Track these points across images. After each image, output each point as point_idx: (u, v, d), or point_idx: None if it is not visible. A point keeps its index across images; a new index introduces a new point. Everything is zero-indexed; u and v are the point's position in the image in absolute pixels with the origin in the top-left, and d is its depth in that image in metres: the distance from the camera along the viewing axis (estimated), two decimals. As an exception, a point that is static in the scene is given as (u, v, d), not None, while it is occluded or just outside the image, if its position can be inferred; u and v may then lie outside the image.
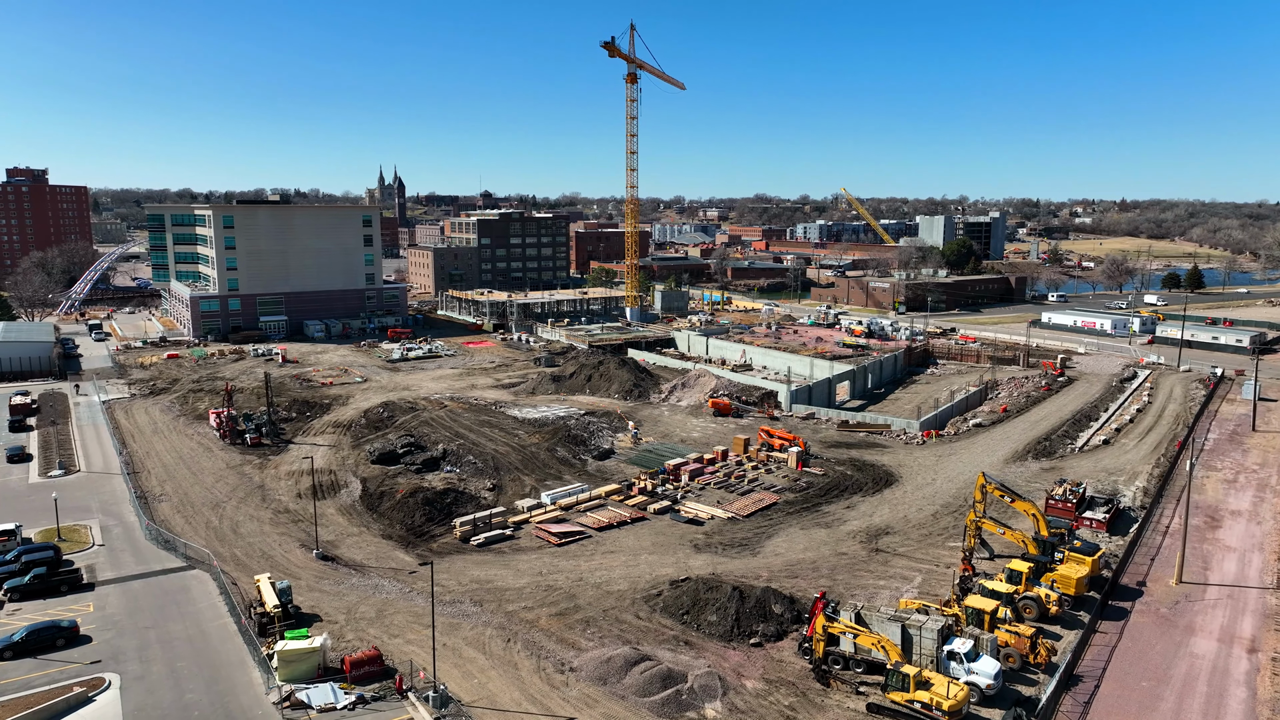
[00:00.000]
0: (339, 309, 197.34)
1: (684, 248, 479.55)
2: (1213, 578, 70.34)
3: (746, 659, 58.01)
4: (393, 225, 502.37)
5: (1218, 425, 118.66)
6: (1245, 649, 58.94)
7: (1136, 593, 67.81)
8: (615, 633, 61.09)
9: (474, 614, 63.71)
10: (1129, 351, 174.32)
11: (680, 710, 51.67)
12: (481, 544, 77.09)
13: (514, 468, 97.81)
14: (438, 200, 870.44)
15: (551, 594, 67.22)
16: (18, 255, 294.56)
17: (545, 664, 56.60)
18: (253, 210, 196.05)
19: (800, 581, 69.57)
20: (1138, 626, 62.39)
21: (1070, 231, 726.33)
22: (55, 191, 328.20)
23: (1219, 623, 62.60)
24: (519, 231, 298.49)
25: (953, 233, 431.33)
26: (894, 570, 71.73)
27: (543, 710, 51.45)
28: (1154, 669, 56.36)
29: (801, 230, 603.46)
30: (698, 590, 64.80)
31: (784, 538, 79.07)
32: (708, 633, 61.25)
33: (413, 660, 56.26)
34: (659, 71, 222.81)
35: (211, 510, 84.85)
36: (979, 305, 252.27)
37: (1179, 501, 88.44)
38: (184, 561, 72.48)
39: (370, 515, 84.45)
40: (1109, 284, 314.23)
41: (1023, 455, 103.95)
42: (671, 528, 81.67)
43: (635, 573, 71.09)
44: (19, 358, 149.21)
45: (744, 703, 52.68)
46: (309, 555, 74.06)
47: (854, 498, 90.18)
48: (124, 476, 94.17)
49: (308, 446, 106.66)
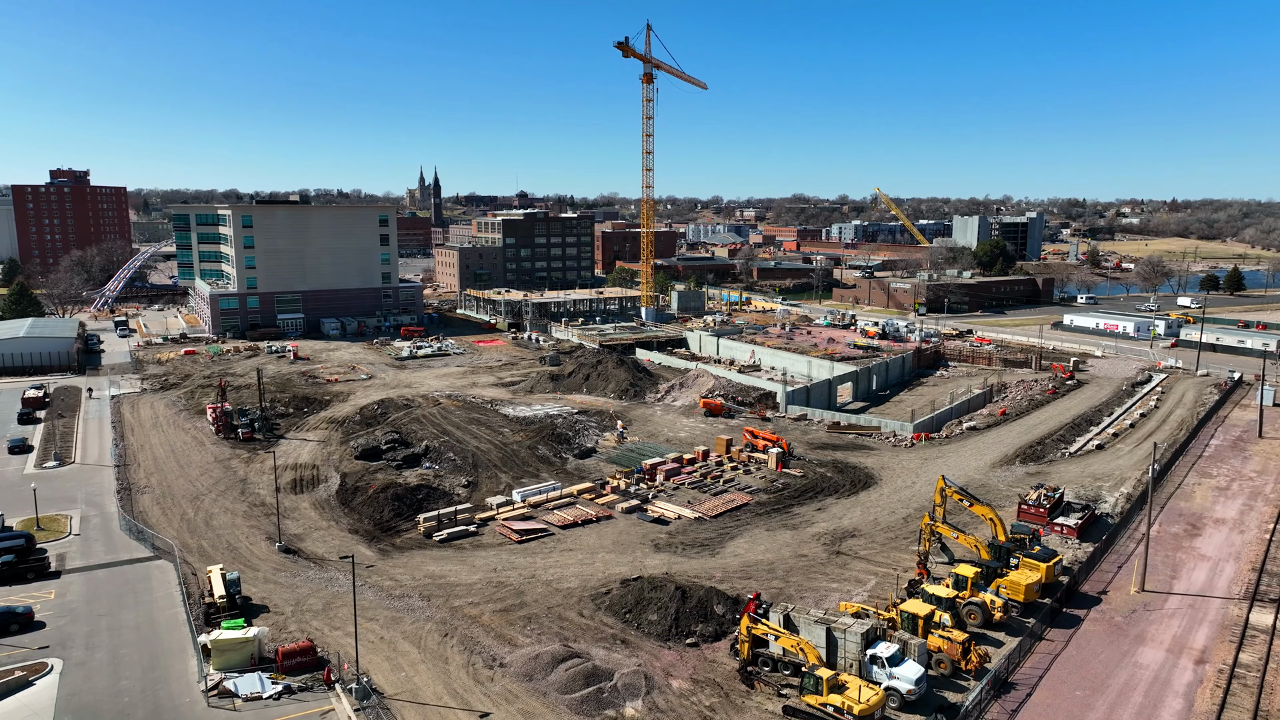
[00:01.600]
0: (355, 307, 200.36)
1: (713, 248, 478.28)
2: (1178, 586, 68.52)
3: (679, 659, 57.89)
4: (425, 225, 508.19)
5: (1224, 431, 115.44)
6: (1194, 660, 57.37)
7: (1095, 600, 66.33)
8: (554, 630, 61.35)
9: (419, 609, 64.42)
10: (1148, 355, 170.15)
11: (599, 708, 51.75)
12: (444, 540, 77.87)
13: (493, 465, 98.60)
14: (476, 201, 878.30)
15: (501, 590, 67.71)
16: (59, 253, 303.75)
17: (476, 659, 57.07)
18: (271, 210, 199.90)
19: (752, 583, 69.18)
20: (1087, 635, 61.04)
21: (1116, 232, 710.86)
22: (96, 192, 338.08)
23: (1172, 633, 60.98)
24: (543, 231, 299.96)
25: (987, 233, 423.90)
26: (850, 573, 71.00)
27: (462, 705, 51.92)
28: (1092, 678, 55.10)
29: (837, 230, 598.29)
30: (642, 590, 64.79)
31: (746, 539, 78.67)
32: (647, 632, 61.21)
33: (342, 652, 57.08)
34: (678, 71, 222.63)
35: (190, 502, 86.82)
36: (1003, 307, 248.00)
37: (1162, 508, 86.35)
38: (152, 552, 74.31)
39: (342, 510, 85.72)
40: (1144, 286, 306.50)
41: (1011, 459, 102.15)
42: (636, 527, 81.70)
43: (588, 571, 71.28)
44: (41, 352, 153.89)
45: (665, 702, 52.60)
46: (273, 548, 75.42)
47: (828, 500, 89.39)
48: (112, 468, 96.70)
49: (298, 442, 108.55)
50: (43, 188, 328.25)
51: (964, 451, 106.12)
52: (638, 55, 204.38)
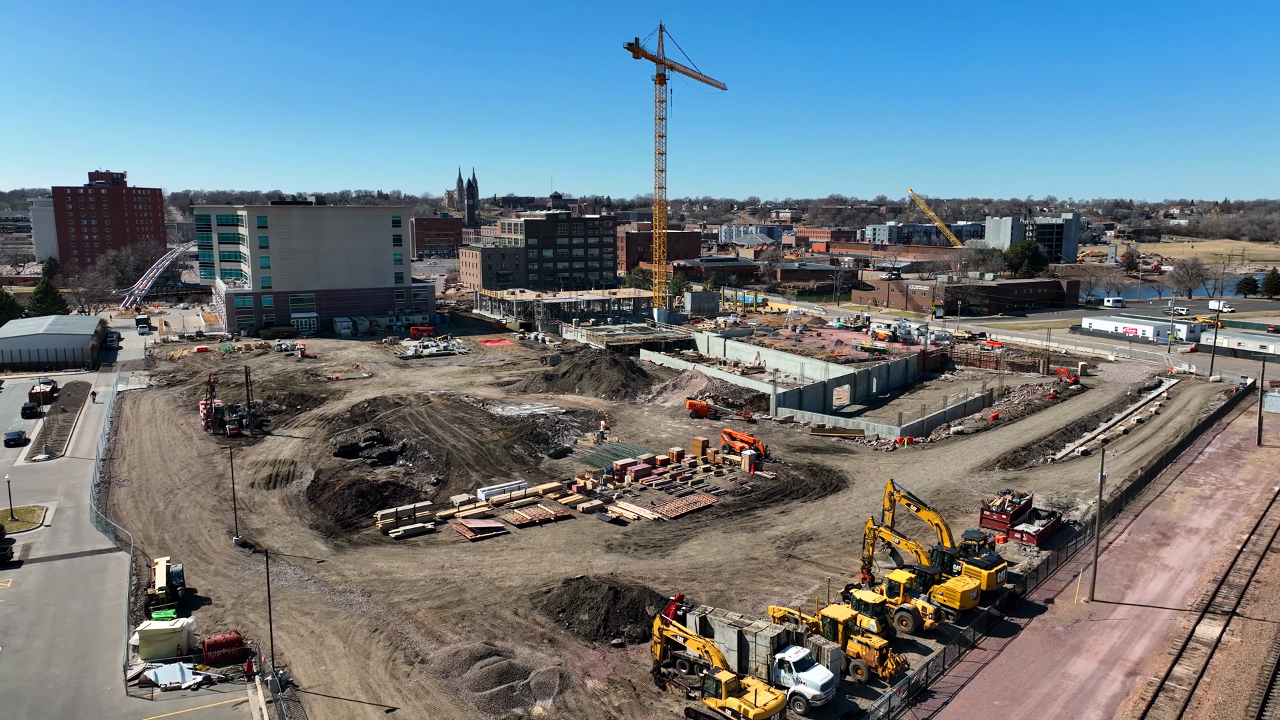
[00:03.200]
0: (368, 307, 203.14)
1: (740, 249, 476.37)
2: (1130, 597, 66.84)
3: (602, 659, 57.90)
4: (456, 226, 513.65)
5: (1222, 438, 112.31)
6: (1125, 672, 55.94)
7: (1040, 609, 64.99)
8: (485, 628, 61.73)
9: (357, 604, 65.25)
10: (1163, 359, 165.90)
11: (507, 706, 52.00)
12: (400, 537, 78.68)
13: (466, 464, 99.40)
14: (514, 202, 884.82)
15: (443, 588, 68.27)
16: (96, 253, 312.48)
17: (399, 655, 57.65)
18: (285, 211, 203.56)
19: (695, 585, 68.96)
20: (1022, 644, 59.83)
21: (1163, 234, 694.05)
22: (131, 193, 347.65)
23: (1110, 644, 59.51)
24: (565, 232, 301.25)
25: (1021, 234, 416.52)
26: (796, 577, 70.39)
27: (372, 699, 52.51)
28: (1014, 688, 54.02)
29: (871, 232, 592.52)
30: (578, 590, 64.89)
31: (701, 541, 78.36)
32: (576, 631, 61.30)
33: (270, 644, 58.03)
34: (694, 72, 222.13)
35: (163, 496, 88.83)
36: (1025, 310, 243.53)
37: (1136, 516, 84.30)
38: (114, 544, 76.15)
39: (309, 506, 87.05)
40: (1178, 289, 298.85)
41: (991, 465, 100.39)
42: (594, 527, 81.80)
43: (534, 570, 71.55)
44: (57, 349, 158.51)
45: (576, 702, 52.68)
46: (230, 541, 76.89)
47: (794, 502, 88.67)
48: (99, 462, 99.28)
49: (283, 438, 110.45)
50: (81, 189, 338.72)
51: (945, 456, 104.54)
52: (649, 56, 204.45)
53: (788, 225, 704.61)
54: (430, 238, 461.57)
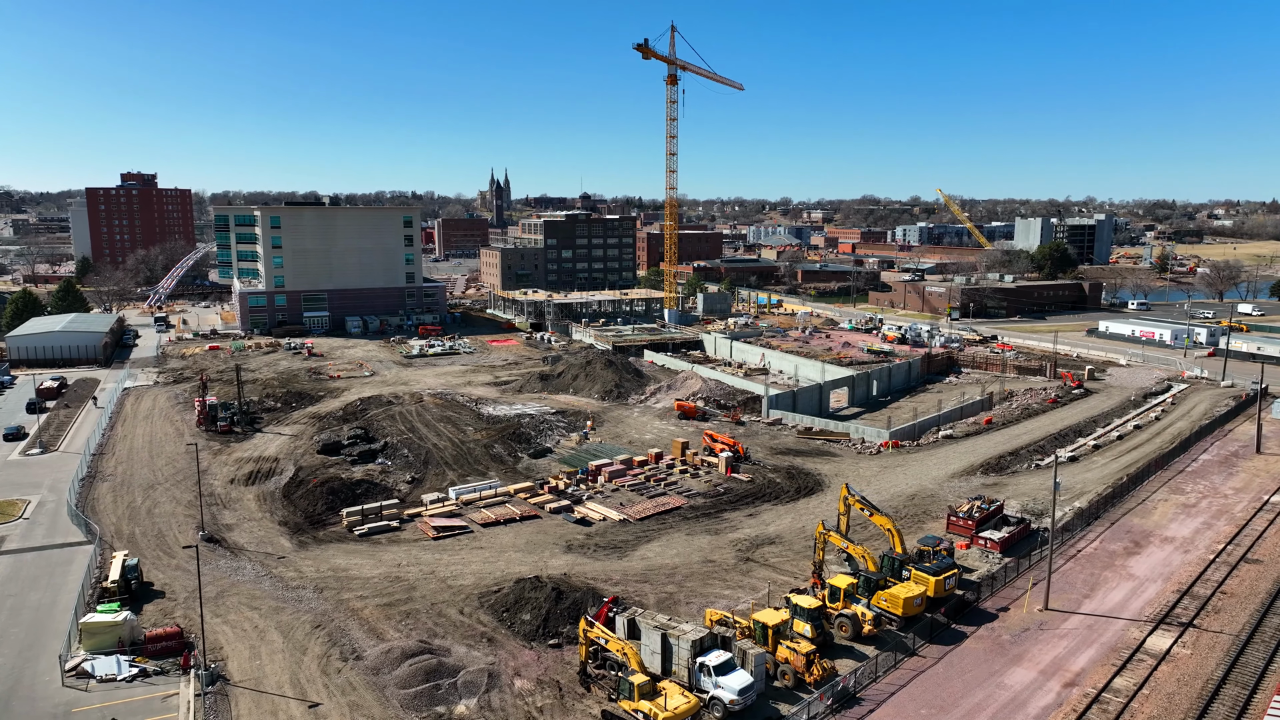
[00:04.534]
0: (379, 306, 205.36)
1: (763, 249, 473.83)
2: (1086, 606, 65.45)
3: (536, 659, 57.98)
4: (483, 226, 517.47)
5: (1221, 445, 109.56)
6: (1064, 683, 54.77)
7: (991, 617, 63.91)
8: (428, 626, 62.12)
9: (307, 600, 65.99)
10: (1175, 364, 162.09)
11: (431, 704, 52.29)
12: (364, 534, 79.41)
13: (444, 462, 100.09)
14: (545, 203, 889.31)
15: (395, 585, 68.80)
16: (127, 252, 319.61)
17: (335, 651, 58.20)
18: (298, 211, 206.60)
19: (646, 586, 68.82)
20: (965, 652, 58.87)
21: (1206, 234, 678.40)
22: (162, 194, 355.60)
23: (1054, 654, 58.31)
24: (585, 232, 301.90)
25: (1050, 235, 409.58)
26: (750, 580, 69.87)
27: (298, 694, 53.10)
28: (945, 697, 53.16)
29: (901, 233, 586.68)
30: (523, 589, 65.04)
31: (662, 543, 78.12)
32: (517, 631, 61.45)
33: (204, 639, 59.00)
34: (708, 72, 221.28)
35: (143, 491, 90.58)
36: (1044, 312, 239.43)
37: (1113, 524, 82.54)
38: (86, 538, 77.84)
39: (283, 502, 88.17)
40: (1209, 291, 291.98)
41: (974, 470, 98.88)
42: (558, 527, 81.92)
43: (489, 569, 71.83)
44: (71, 346, 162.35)
45: (500, 701, 52.84)
46: (197, 536, 78.16)
47: (764, 505, 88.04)
48: (89, 457, 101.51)
49: (272, 435, 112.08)
50: (113, 190, 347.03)
51: (929, 460, 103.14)
52: (658, 56, 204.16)
53: (818, 226, 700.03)
54: (457, 238, 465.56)
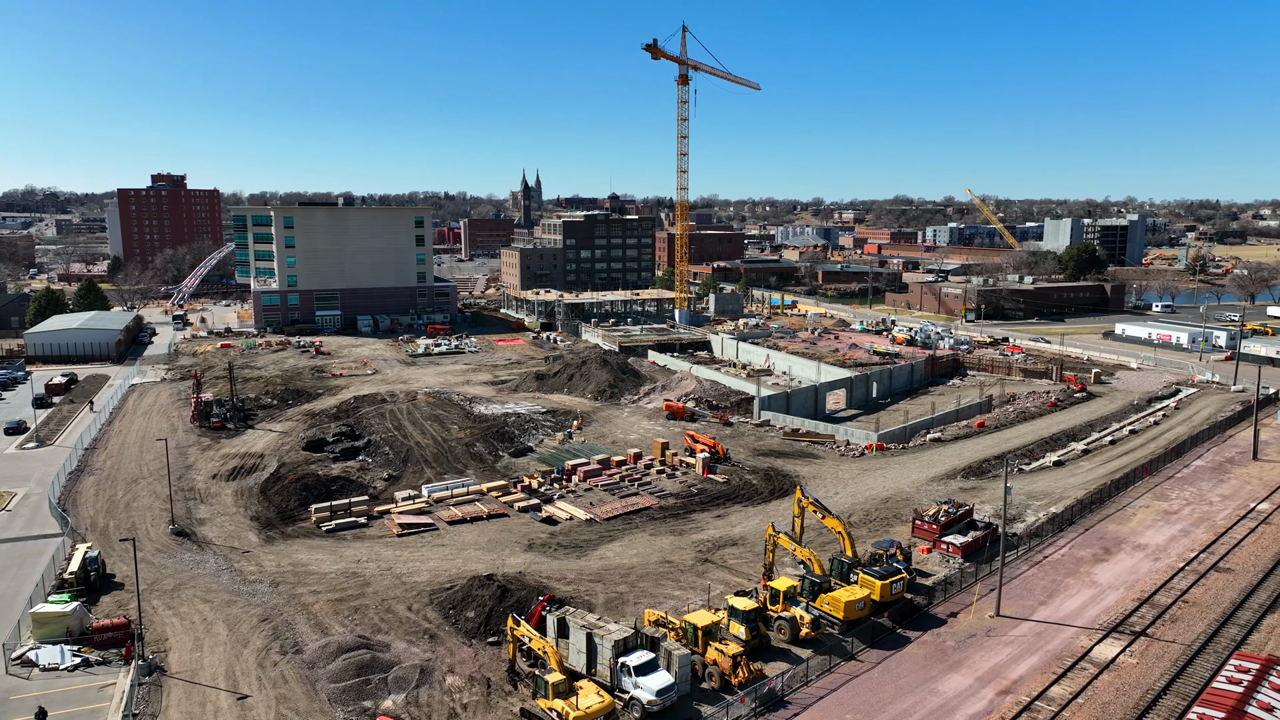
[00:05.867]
0: (390, 305, 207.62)
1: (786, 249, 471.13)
2: (1040, 613, 64.31)
3: (473, 656, 58.29)
4: (508, 226, 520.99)
5: (1218, 451, 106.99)
6: (999, 690, 53.90)
7: (940, 622, 63.07)
8: (373, 621, 62.76)
9: (261, 594, 66.96)
10: (1189, 368, 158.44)
11: (358, 699, 52.84)
12: (330, 530, 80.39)
13: (424, 461, 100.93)
14: (576, 203, 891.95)
15: (350, 581, 69.57)
16: (157, 251, 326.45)
17: (276, 645, 59.01)
18: (311, 212, 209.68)
19: (598, 586, 68.91)
20: (905, 657, 58.16)
21: (1249, 235, 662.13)
22: (190, 194, 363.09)
23: (996, 661, 57.40)
24: (603, 233, 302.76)
25: (1080, 236, 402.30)
26: (703, 582, 69.60)
27: (230, 686, 53.95)
28: (873, 703, 52.57)
29: (931, 234, 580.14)
30: (471, 587, 65.48)
31: (624, 543, 78.12)
32: (460, 628, 61.85)
33: (165, 630, 60.15)
34: (721, 72, 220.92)
35: (126, 485, 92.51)
36: (1064, 314, 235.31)
37: (1087, 530, 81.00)
38: (62, 530, 79.68)
39: (259, 498, 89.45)
40: (1241, 294, 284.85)
41: (955, 474, 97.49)
42: (524, 526, 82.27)
43: (445, 567, 72.34)
44: (86, 343, 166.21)
45: (428, 696, 53.23)
46: (168, 530, 79.67)
47: (735, 507, 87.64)
48: (81, 451, 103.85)
49: (263, 432, 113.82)
50: (144, 191, 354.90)
51: (912, 463, 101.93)
52: (668, 56, 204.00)
53: (849, 226, 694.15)
54: (483, 238, 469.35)
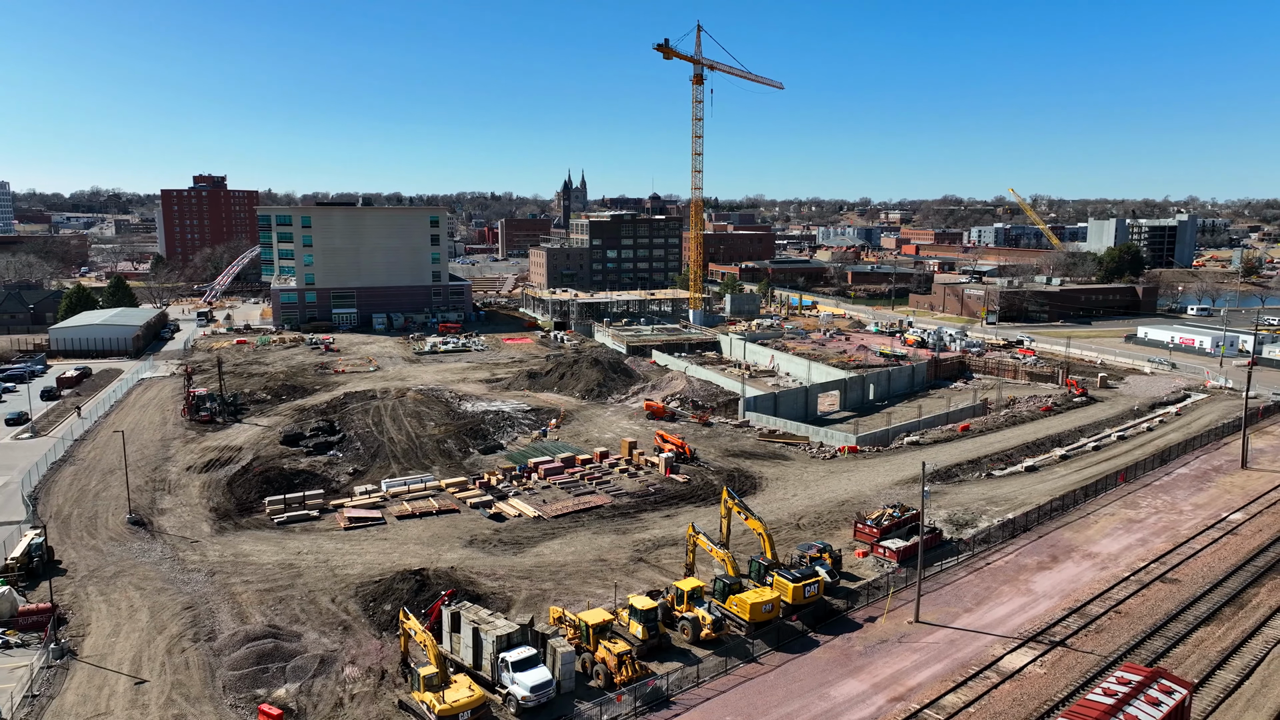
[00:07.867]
0: (406, 304, 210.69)
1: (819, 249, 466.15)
2: (962, 621, 62.94)
3: (379, 648, 58.97)
4: (545, 226, 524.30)
5: (1207, 459, 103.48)
6: (891, 697, 52.92)
7: (855, 627, 62.15)
8: (293, 612, 63.92)
9: (195, 583, 68.62)
10: (1203, 373, 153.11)
11: (252, 686, 53.95)
12: (282, 522, 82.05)
13: (392, 456, 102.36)
14: (621, 203, 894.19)
15: (284, 573, 70.91)
16: (198, 250, 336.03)
17: (190, 632, 60.47)
18: (328, 212, 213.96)
19: (524, 583, 69.29)
20: (807, 661, 57.43)
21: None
22: (230, 195, 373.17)
23: (898, 667, 56.34)
24: (630, 233, 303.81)
25: (1125, 237, 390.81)
26: (630, 581, 69.47)
27: (133, 671, 55.46)
28: (759, 706, 52.02)
29: (977, 234, 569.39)
30: (393, 581, 66.37)
31: (564, 541, 78.37)
32: (375, 620, 62.74)
33: (91, 615, 62.12)
34: (740, 71, 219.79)
35: (101, 475, 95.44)
36: (1091, 317, 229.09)
37: (1041, 537, 79.01)
38: (27, 517, 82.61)
39: (223, 490, 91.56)
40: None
41: (919, 478, 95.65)
42: (472, 522, 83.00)
43: (380, 560, 73.33)
44: (105, 338, 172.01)
45: (321, 686, 54.14)
46: (125, 520, 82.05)
47: (687, 507, 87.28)
48: (70, 442, 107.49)
49: (249, 426, 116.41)
50: (186, 192, 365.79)
51: (881, 466, 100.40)
52: (681, 56, 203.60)
53: (894, 227, 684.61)
54: (519, 238, 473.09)
